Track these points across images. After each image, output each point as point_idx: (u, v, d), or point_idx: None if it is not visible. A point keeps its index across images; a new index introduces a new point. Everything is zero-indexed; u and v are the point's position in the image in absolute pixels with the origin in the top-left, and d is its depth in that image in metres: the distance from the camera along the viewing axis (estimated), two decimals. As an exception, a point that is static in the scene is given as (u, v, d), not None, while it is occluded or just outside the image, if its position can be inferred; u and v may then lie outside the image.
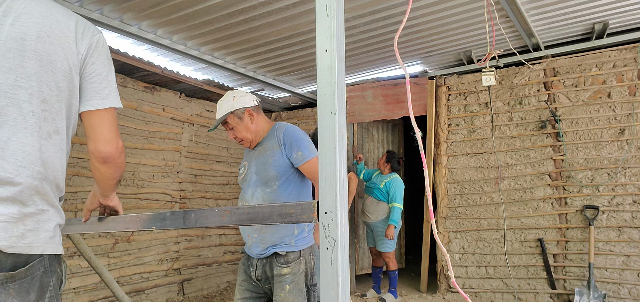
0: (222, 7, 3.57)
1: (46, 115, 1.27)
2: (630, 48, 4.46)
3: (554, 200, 4.75)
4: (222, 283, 5.92)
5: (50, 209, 1.27)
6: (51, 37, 1.27)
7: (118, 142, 1.42)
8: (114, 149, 1.40)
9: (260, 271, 2.23)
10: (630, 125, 4.41)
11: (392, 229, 4.96)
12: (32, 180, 1.22)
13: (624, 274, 4.42)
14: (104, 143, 1.38)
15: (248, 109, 2.26)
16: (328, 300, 1.10)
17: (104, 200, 1.64)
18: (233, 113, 2.26)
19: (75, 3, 3.38)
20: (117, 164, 1.45)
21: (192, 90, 5.22)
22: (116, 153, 1.42)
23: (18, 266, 1.18)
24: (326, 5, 1.14)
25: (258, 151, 2.29)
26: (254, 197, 2.23)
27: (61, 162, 1.34)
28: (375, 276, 5.40)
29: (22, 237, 1.18)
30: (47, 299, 1.25)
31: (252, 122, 2.28)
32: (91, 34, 1.36)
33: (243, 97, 2.29)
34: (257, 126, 2.29)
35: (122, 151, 1.45)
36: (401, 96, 5.60)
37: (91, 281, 4.17)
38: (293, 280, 2.12)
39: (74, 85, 1.33)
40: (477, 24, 4.08)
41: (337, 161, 1.10)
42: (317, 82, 1.14)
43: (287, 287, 2.12)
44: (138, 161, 4.74)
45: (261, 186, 2.21)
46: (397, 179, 5.15)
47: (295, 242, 2.17)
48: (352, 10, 3.69)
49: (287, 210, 1.23)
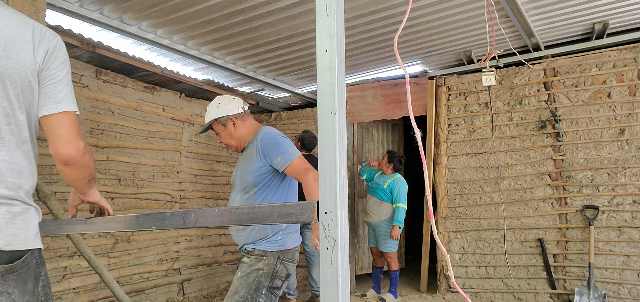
0: (222, 7, 3.57)
1: (12, 128, 1.34)
2: (630, 48, 4.46)
3: (554, 200, 4.75)
4: (222, 283, 5.92)
5: (31, 208, 1.40)
6: (7, 51, 1.31)
7: (79, 143, 1.43)
8: (74, 151, 1.41)
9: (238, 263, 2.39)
10: (630, 125, 4.41)
11: (397, 230, 4.95)
12: (8, 191, 1.32)
13: (624, 274, 4.42)
14: (63, 146, 1.40)
15: (231, 116, 2.34)
16: (328, 300, 1.10)
17: (83, 197, 1.67)
18: (217, 120, 2.36)
19: (75, 3, 3.38)
20: (81, 165, 1.46)
21: (192, 90, 5.22)
22: (78, 155, 1.43)
23: (14, 259, 1.32)
24: (326, 5, 1.14)
25: (243, 156, 2.39)
26: (234, 202, 2.36)
27: (32, 167, 1.43)
28: (375, 276, 5.40)
29: (15, 236, 1.32)
30: (40, 287, 1.41)
31: (235, 129, 2.36)
32: (48, 41, 1.39)
33: (228, 104, 2.36)
34: (240, 133, 2.37)
35: (85, 152, 1.45)
36: (401, 96, 5.60)
37: (91, 281, 4.17)
38: (246, 271, 2.23)
39: (34, 94, 1.38)
40: (477, 24, 4.08)
41: (337, 161, 1.10)
42: (317, 82, 1.14)
43: (238, 274, 2.24)
44: (138, 160, 4.74)
45: (241, 191, 2.31)
46: (400, 179, 5.14)
47: (265, 244, 2.26)
48: (352, 10, 3.69)
49: (287, 210, 1.23)
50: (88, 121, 4.22)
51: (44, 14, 2.60)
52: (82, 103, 4.15)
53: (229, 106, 2.35)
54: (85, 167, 1.49)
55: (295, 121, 6.44)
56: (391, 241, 5.03)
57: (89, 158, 1.50)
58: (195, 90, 5.22)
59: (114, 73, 4.44)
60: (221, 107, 2.35)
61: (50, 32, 1.43)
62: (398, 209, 5.00)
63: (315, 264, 5.07)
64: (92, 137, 4.26)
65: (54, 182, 3.91)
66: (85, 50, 3.79)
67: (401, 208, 5.00)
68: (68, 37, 3.59)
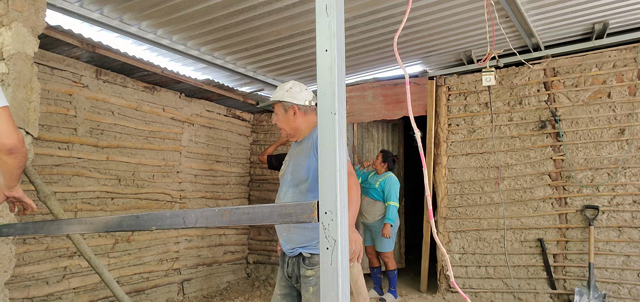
0: (222, 7, 3.57)
1: None
2: (630, 48, 4.46)
3: (554, 200, 4.75)
4: (222, 283, 5.92)
5: None
6: None
7: (18, 133, 1.61)
8: (16, 140, 1.60)
9: (290, 268, 2.30)
10: (630, 125, 4.41)
11: (389, 228, 4.96)
12: None
13: (624, 274, 4.42)
14: (6, 136, 1.58)
15: (295, 105, 2.32)
16: (328, 300, 1.10)
17: (8, 192, 1.81)
18: (281, 102, 2.34)
19: (75, 3, 3.38)
20: (22, 153, 1.65)
21: (192, 90, 5.22)
22: (19, 143, 1.61)
23: None
24: (326, 5, 1.14)
25: (296, 151, 2.37)
26: (286, 196, 2.31)
27: None
28: (374, 276, 5.40)
29: None
30: None
31: (295, 119, 2.33)
32: None
33: (299, 92, 2.35)
34: (298, 125, 2.35)
35: (23, 141, 1.64)
36: (401, 96, 5.60)
37: (91, 281, 4.17)
38: (317, 282, 2.14)
39: None
40: (477, 24, 4.08)
41: (337, 161, 1.10)
42: (317, 82, 1.15)
43: (310, 290, 2.16)
44: (138, 160, 4.74)
45: (293, 186, 2.28)
46: (391, 178, 5.15)
47: (317, 247, 2.18)
48: (352, 10, 3.69)
49: (286, 210, 1.23)
50: (88, 121, 4.22)
51: (44, 14, 2.59)
52: (82, 103, 4.15)
53: (298, 94, 2.33)
54: (25, 156, 1.68)
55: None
56: (386, 240, 5.04)
57: (25, 147, 1.68)
58: (195, 90, 5.23)
59: (114, 73, 4.44)
60: (290, 92, 2.33)
61: None
62: (389, 207, 5.01)
63: None
64: (92, 137, 4.26)
65: (54, 182, 3.91)
66: (85, 50, 3.79)
67: (392, 206, 5.00)
68: (68, 37, 3.59)
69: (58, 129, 3.96)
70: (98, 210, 4.29)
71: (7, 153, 1.59)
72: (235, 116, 6.32)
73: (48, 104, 3.86)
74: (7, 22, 2.36)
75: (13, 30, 2.33)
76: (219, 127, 5.99)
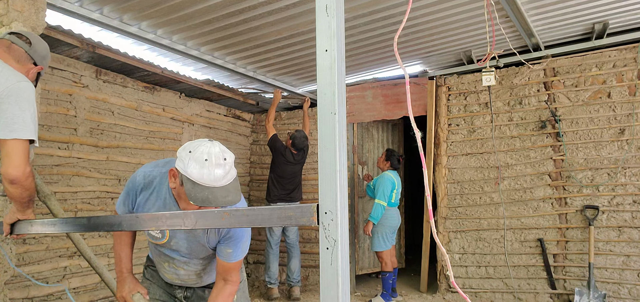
0: (222, 7, 3.57)
1: None
2: (630, 48, 4.46)
3: (554, 200, 4.75)
4: (222, 283, 5.91)
5: None
6: None
7: (25, 168, 1.73)
8: (20, 173, 1.71)
9: (190, 292, 2.20)
10: (630, 125, 4.41)
11: (370, 225, 4.94)
12: None
13: (624, 274, 4.42)
14: (13, 168, 1.69)
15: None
16: (328, 300, 1.10)
17: (21, 215, 1.91)
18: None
19: (75, 3, 3.38)
20: (24, 186, 1.76)
21: (192, 90, 5.22)
22: (23, 177, 1.73)
23: None
24: (326, 5, 1.14)
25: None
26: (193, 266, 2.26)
27: None
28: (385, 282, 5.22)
29: None
30: None
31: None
32: (10, 83, 1.72)
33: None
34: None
35: (29, 176, 1.76)
36: (401, 96, 5.60)
37: (91, 281, 4.16)
38: (241, 287, 2.20)
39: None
40: (477, 24, 4.08)
41: (337, 161, 1.10)
42: (317, 82, 1.15)
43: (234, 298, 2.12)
44: (138, 160, 4.73)
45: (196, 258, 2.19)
46: (384, 176, 5.12)
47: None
48: (352, 10, 3.69)
49: (286, 213, 1.23)
50: (88, 121, 4.22)
51: (44, 14, 2.60)
52: (82, 103, 4.15)
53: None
54: (28, 189, 1.79)
55: (295, 121, 6.44)
56: (375, 239, 5.04)
57: (31, 182, 1.80)
58: (195, 90, 5.22)
59: (114, 73, 4.44)
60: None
61: (15, 76, 1.77)
62: (375, 204, 4.99)
63: (294, 256, 5.34)
64: (92, 137, 4.26)
65: (54, 182, 3.91)
66: (85, 50, 3.79)
67: (377, 204, 4.98)
68: (68, 37, 3.59)
69: (58, 129, 3.96)
70: (98, 210, 4.29)
71: (9, 182, 1.72)
72: (236, 116, 6.32)
73: (48, 104, 3.86)
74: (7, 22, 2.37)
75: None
76: (219, 127, 5.99)
